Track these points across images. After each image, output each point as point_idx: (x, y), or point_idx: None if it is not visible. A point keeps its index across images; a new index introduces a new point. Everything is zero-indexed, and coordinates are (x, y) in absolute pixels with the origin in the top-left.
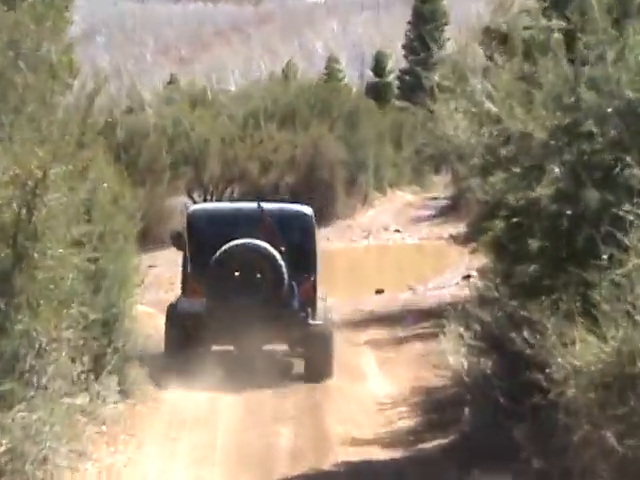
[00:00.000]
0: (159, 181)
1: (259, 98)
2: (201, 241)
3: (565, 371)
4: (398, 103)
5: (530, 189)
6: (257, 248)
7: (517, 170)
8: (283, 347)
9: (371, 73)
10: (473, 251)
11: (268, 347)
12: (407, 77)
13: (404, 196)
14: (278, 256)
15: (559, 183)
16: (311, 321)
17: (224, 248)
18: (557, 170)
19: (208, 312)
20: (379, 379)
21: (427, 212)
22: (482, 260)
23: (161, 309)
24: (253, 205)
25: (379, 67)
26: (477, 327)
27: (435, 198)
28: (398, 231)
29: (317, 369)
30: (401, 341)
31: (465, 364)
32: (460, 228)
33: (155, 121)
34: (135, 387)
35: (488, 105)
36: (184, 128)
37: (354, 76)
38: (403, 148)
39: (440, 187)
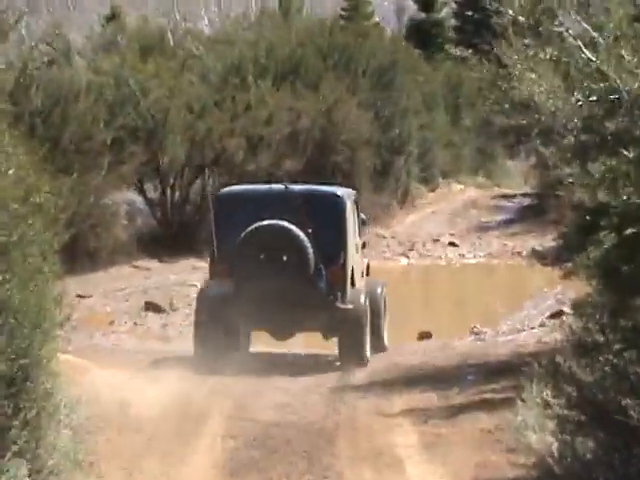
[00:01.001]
0: (94, 167)
1: (245, 44)
2: (227, 223)
3: None
4: (455, 51)
5: None
6: (282, 229)
7: (632, 153)
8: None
9: (414, 6)
10: (567, 275)
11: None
12: (468, 13)
13: (464, 192)
14: (304, 237)
15: None
16: (340, 305)
17: (249, 229)
18: None
19: (235, 294)
20: (423, 469)
21: (499, 216)
22: (580, 289)
23: (98, 359)
24: (281, 186)
25: None
26: (572, 390)
27: (511, 196)
28: (454, 244)
29: (349, 354)
30: (457, 411)
31: (554, 445)
32: (548, 241)
33: (88, 78)
34: (55, 478)
35: (587, 54)
36: (131, 89)
37: (389, 11)
38: (463, 120)
39: (518, 179)
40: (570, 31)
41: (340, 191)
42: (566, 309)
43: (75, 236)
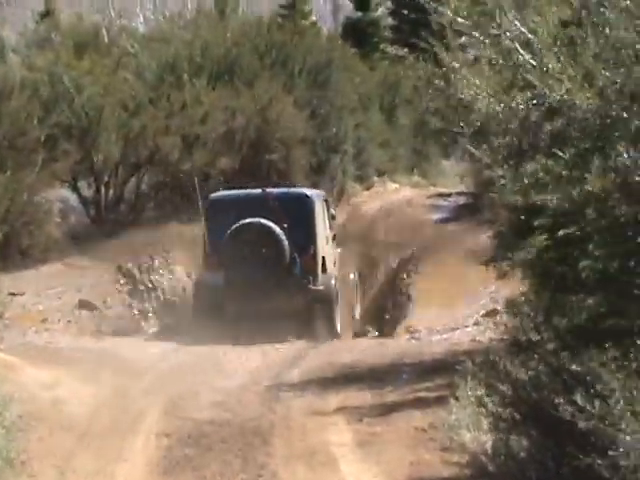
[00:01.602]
0: (27, 165)
1: (181, 43)
2: (216, 222)
3: (637, 454)
4: (391, 50)
5: (586, 183)
6: (261, 226)
7: (567, 155)
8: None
9: (350, 5)
10: (501, 275)
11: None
12: (405, 12)
13: (399, 190)
14: (280, 232)
15: (632, 174)
16: (312, 287)
17: (234, 227)
18: (627, 154)
19: (226, 283)
20: (357, 468)
21: (434, 215)
22: (515, 288)
23: (30, 357)
24: (259, 190)
25: None
26: (506, 388)
27: (446, 194)
28: None
29: (321, 329)
30: (392, 409)
31: (488, 443)
32: (482, 240)
33: (22, 75)
34: None
35: (524, 56)
36: (66, 86)
37: (326, 10)
38: (398, 119)
39: (453, 178)
40: (510, 30)
41: (309, 192)
42: (500, 308)
43: (8, 234)
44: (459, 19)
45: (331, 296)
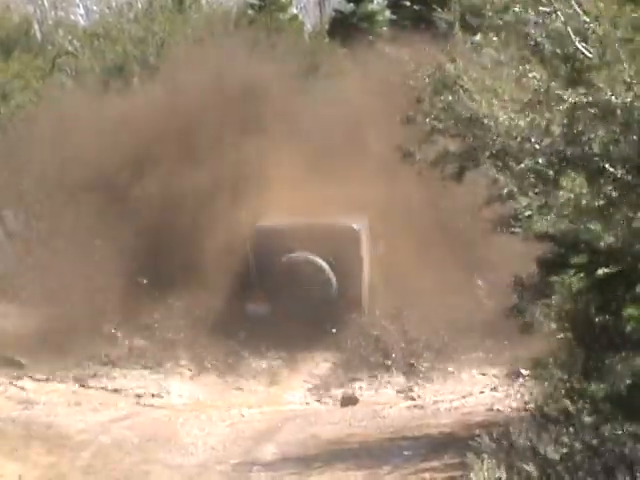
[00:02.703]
0: None
1: (130, 40)
2: (263, 254)
3: None
4: (389, 51)
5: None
6: (309, 261)
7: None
8: None
9: None
10: (526, 328)
11: None
12: (407, 3)
13: None
14: (328, 268)
15: None
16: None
17: (282, 260)
18: None
19: (272, 316)
20: None
21: None
22: (542, 346)
23: None
24: (306, 221)
25: None
26: (533, 469)
27: None
28: None
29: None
30: None
31: None
32: (498, 284)
33: None
34: None
35: (578, 46)
36: None
37: (309, 1)
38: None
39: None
40: (556, 15)
41: (357, 224)
42: (524, 371)
43: None
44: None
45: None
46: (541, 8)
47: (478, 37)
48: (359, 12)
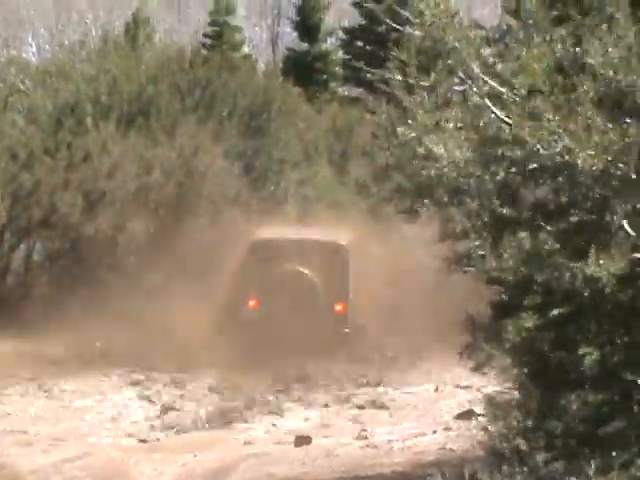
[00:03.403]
0: None
1: (83, 78)
2: (258, 265)
3: None
4: (343, 90)
5: (586, 262)
6: (301, 275)
7: (558, 228)
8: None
9: (293, 34)
10: (479, 366)
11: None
12: (359, 44)
13: None
14: (316, 280)
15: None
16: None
17: (275, 272)
18: (628, 226)
19: (264, 322)
20: None
21: (390, 292)
22: (495, 382)
23: None
24: (298, 235)
25: (308, 23)
26: None
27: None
28: None
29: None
30: None
31: None
32: (455, 322)
33: None
34: None
35: (497, 114)
36: None
37: (262, 40)
38: (351, 174)
39: (418, 248)
40: (474, 89)
41: (344, 240)
42: (477, 409)
43: None
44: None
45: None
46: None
47: (432, 78)
48: (313, 51)
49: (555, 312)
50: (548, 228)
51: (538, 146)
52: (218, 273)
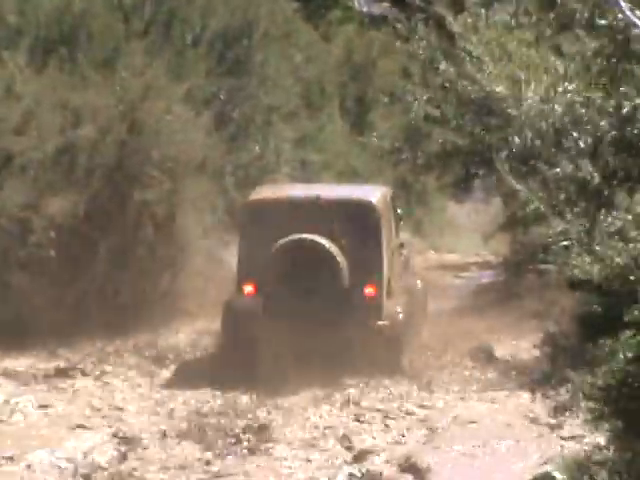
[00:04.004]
0: None
1: None
2: (256, 234)
3: None
4: (362, 6)
5: None
6: (314, 243)
7: None
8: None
9: None
10: (560, 410)
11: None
12: None
13: None
14: (338, 252)
15: None
16: (375, 322)
17: (279, 244)
18: None
19: (264, 314)
20: None
21: (436, 304)
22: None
23: None
24: (311, 192)
25: None
26: None
27: (458, 267)
28: None
29: (381, 369)
30: None
31: None
32: (524, 349)
33: None
34: None
35: None
36: None
37: None
38: (373, 130)
39: (472, 237)
40: None
41: (375, 197)
42: (557, 474)
43: None
44: None
45: (398, 333)
46: None
47: None
48: None
49: None
50: None
51: None
52: (182, 268)
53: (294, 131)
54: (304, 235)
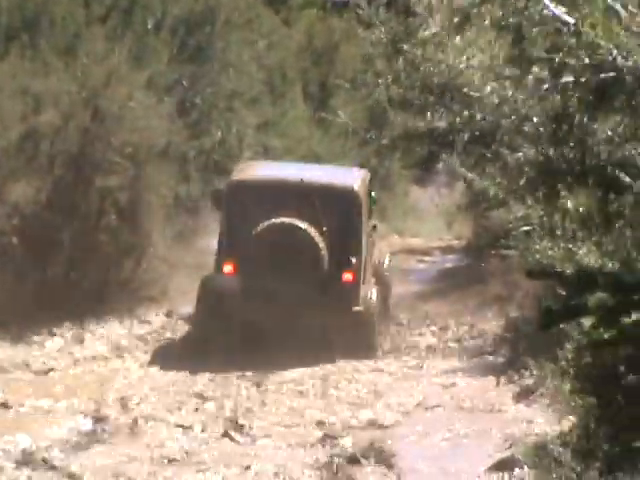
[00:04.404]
0: None
1: None
2: (238, 214)
3: None
4: None
5: None
6: (296, 228)
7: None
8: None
9: None
10: (524, 393)
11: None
12: None
13: None
14: (319, 238)
15: None
16: (351, 307)
17: (261, 227)
18: None
19: (242, 293)
20: None
21: (400, 288)
22: (548, 418)
23: None
24: (295, 174)
25: None
26: None
27: (422, 251)
28: None
29: (355, 351)
30: None
31: None
32: (488, 333)
33: None
34: None
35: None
36: None
37: None
38: (335, 114)
39: (435, 221)
40: None
41: (356, 183)
42: (521, 457)
43: None
44: None
45: (372, 317)
46: None
47: None
48: None
49: (634, 316)
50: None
51: (615, 53)
52: (145, 254)
53: (257, 117)
54: (286, 219)
